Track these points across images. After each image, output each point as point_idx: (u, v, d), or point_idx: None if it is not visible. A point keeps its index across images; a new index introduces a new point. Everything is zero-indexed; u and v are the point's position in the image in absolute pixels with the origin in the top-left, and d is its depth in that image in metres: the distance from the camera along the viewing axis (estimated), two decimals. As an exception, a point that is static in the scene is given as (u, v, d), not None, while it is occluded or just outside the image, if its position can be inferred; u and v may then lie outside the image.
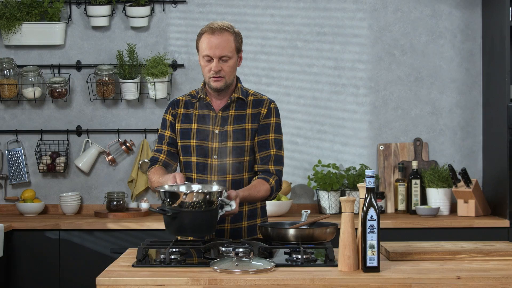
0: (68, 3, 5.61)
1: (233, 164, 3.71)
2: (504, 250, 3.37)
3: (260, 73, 5.62)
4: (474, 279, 2.94)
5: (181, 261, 3.24)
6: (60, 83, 5.49)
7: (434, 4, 5.61)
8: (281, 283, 2.91)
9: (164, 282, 2.93)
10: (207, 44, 3.61)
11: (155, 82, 5.41)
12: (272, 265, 3.07)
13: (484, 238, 4.71)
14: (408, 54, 5.63)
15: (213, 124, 3.72)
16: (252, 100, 3.77)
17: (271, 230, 3.41)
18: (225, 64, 3.63)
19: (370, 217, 3.01)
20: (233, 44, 3.64)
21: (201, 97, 3.75)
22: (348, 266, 3.04)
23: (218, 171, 3.71)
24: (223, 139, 3.70)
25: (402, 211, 5.47)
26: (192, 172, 3.74)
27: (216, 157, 3.70)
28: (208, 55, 3.62)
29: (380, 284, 2.91)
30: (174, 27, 5.62)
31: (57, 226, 5.02)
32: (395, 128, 5.63)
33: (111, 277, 2.96)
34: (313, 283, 2.91)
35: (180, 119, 3.77)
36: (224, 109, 3.73)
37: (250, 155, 3.74)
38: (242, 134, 3.71)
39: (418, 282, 2.92)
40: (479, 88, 5.62)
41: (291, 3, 5.61)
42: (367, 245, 3.00)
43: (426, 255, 3.32)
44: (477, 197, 5.25)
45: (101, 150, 5.58)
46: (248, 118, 3.73)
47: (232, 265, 3.04)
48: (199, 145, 3.72)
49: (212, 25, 3.64)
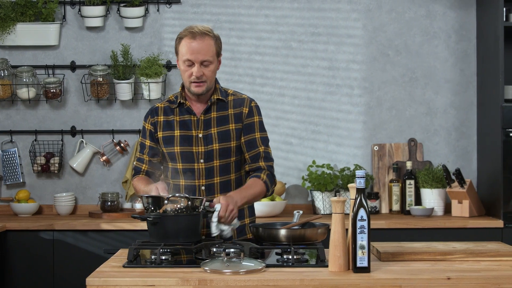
0: (63, 4, 5.61)
1: (220, 166, 3.72)
2: (495, 251, 3.36)
3: (255, 73, 5.62)
4: (464, 279, 2.94)
5: (172, 261, 3.24)
6: (54, 84, 5.49)
7: (428, 5, 5.62)
8: (271, 284, 2.91)
9: (154, 283, 2.92)
10: (188, 49, 3.59)
11: (149, 82, 5.41)
12: (262, 265, 3.06)
13: (478, 239, 4.71)
14: (402, 55, 5.63)
15: (195, 129, 3.71)
16: (233, 100, 3.76)
17: (263, 230, 3.41)
18: (206, 68, 3.62)
19: (360, 218, 3.01)
20: (214, 49, 3.63)
21: (181, 102, 3.73)
22: (339, 267, 3.04)
23: (205, 175, 3.71)
24: (208, 142, 3.70)
25: (397, 211, 5.47)
26: (180, 178, 3.74)
27: (202, 161, 3.70)
28: (189, 60, 3.60)
29: (370, 285, 2.91)
30: (169, 28, 5.62)
31: (51, 226, 5.02)
32: (390, 129, 5.63)
33: (101, 278, 2.96)
34: (303, 283, 2.91)
35: (161, 127, 3.76)
36: (206, 112, 3.71)
37: (236, 155, 3.74)
38: (227, 136, 3.71)
39: (408, 283, 2.92)
40: (473, 88, 5.62)
41: (285, 3, 5.61)
42: (357, 246, 3.00)
43: (417, 256, 3.32)
44: (471, 198, 5.25)
45: (95, 151, 5.58)
46: (231, 118, 3.73)
47: (223, 265, 3.04)
48: (183, 151, 3.71)
49: (192, 29, 3.61)
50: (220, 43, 3.69)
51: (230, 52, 5.60)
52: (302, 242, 3.36)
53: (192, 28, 3.62)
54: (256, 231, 3.43)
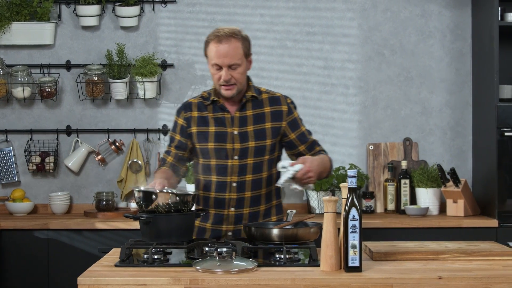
0: (58, 3, 5.60)
1: (253, 164, 3.74)
2: (488, 250, 3.37)
3: (250, 72, 5.57)
4: (455, 279, 2.94)
5: (164, 261, 3.24)
6: (49, 83, 5.49)
7: (423, 4, 5.61)
8: (262, 283, 2.91)
9: (146, 282, 2.93)
10: (215, 53, 3.60)
11: (144, 81, 5.41)
12: (254, 265, 3.07)
13: (473, 238, 4.72)
14: (397, 54, 5.63)
15: (230, 126, 3.73)
16: (267, 98, 3.79)
17: (255, 230, 3.41)
18: (235, 71, 3.63)
19: (352, 217, 3.01)
20: (241, 51, 3.63)
21: (214, 100, 3.75)
22: (330, 266, 3.04)
23: (238, 172, 3.73)
24: (244, 140, 3.72)
25: (392, 211, 5.47)
26: (211, 174, 3.75)
27: (237, 158, 3.72)
28: (217, 64, 3.61)
29: (362, 284, 2.91)
30: (164, 27, 5.62)
31: (46, 226, 5.01)
32: (385, 128, 5.64)
33: (93, 277, 2.96)
34: (295, 283, 2.91)
35: (195, 122, 3.77)
36: (241, 109, 3.74)
37: (270, 154, 3.76)
38: (263, 134, 3.73)
39: (399, 282, 2.92)
40: (468, 88, 5.62)
41: (280, 2, 5.61)
42: (349, 245, 3.00)
43: (409, 255, 3.32)
44: (466, 197, 5.25)
45: (90, 150, 5.58)
46: (268, 117, 3.75)
47: (214, 265, 3.04)
48: (218, 147, 3.72)
49: (218, 32, 3.61)
50: (248, 43, 3.69)
51: (225, 51, 5.60)
52: (295, 242, 3.36)
53: (218, 31, 3.62)
54: (249, 231, 3.43)
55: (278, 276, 2.94)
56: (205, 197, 3.79)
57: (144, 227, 3.39)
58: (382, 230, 5.01)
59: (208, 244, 3.33)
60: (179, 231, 3.40)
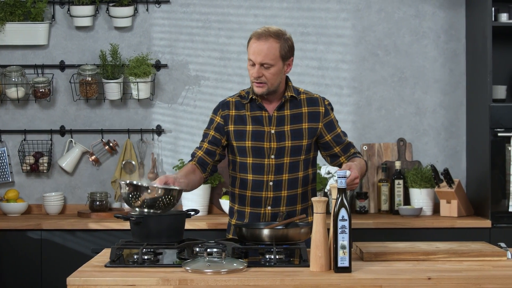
0: (52, 3, 5.60)
1: (290, 164, 3.78)
2: (478, 251, 3.37)
3: (244, 73, 5.62)
4: (444, 279, 2.94)
5: (155, 261, 3.24)
6: (43, 83, 5.48)
7: (417, 5, 5.61)
8: (251, 284, 2.91)
9: (135, 282, 2.93)
10: (252, 49, 3.67)
11: (138, 82, 5.41)
12: (244, 265, 3.07)
13: (466, 239, 4.71)
14: (391, 54, 5.63)
15: (267, 125, 3.77)
16: (306, 98, 3.83)
17: (246, 230, 3.41)
18: (267, 71, 3.67)
19: (341, 218, 3.01)
20: (277, 52, 3.67)
21: (253, 98, 3.79)
22: (320, 267, 3.05)
23: (275, 171, 3.77)
24: (281, 139, 3.76)
25: (385, 211, 5.47)
26: (248, 173, 3.80)
27: (273, 157, 3.76)
28: (251, 60, 3.68)
29: (350, 285, 2.91)
30: (158, 27, 5.62)
31: (39, 226, 5.01)
32: (379, 128, 5.63)
33: (82, 277, 2.97)
34: (284, 283, 2.91)
35: (232, 120, 3.81)
36: (279, 109, 3.78)
37: (306, 154, 3.81)
38: (300, 134, 3.77)
39: (388, 283, 2.92)
40: (462, 88, 5.62)
41: (274, 3, 5.61)
42: (339, 246, 3.01)
43: (400, 256, 3.33)
44: (460, 198, 5.25)
45: (84, 150, 5.57)
46: (305, 117, 3.79)
47: (204, 265, 3.04)
48: (255, 146, 3.76)
49: (260, 30, 3.68)
50: (287, 46, 3.71)
51: (219, 51, 5.61)
52: (285, 242, 3.36)
53: (261, 29, 3.69)
54: (239, 231, 3.43)
55: (267, 277, 2.94)
56: (241, 195, 3.84)
57: (135, 227, 3.39)
58: (375, 231, 5.01)
59: (198, 245, 3.33)
60: (169, 231, 3.40)
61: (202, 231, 4.94)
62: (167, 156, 5.62)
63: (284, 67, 3.73)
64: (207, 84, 5.61)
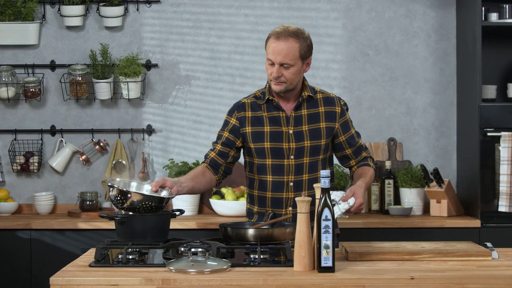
0: (42, 3, 5.59)
1: (309, 163, 3.78)
2: (463, 251, 3.37)
3: (234, 72, 5.62)
4: (427, 279, 2.94)
5: (139, 261, 3.24)
6: (33, 83, 5.48)
7: (408, 4, 5.61)
8: (234, 283, 2.91)
9: (118, 282, 2.93)
10: (271, 49, 3.65)
11: (128, 82, 5.40)
12: (228, 265, 3.07)
13: (455, 239, 4.70)
14: (382, 54, 5.63)
15: (285, 125, 3.76)
16: (322, 98, 3.83)
17: (231, 230, 3.41)
18: (286, 70, 3.66)
19: (324, 218, 3.01)
20: (297, 52, 3.65)
21: (269, 99, 3.78)
22: (303, 266, 3.05)
23: (295, 171, 3.78)
24: (300, 139, 3.76)
25: (376, 211, 5.47)
26: (267, 174, 3.80)
27: (293, 157, 3.76)
28: (270, 59, 3.66)
29: (333, 285, 2.91)
30: (148, 27, 5.62)
31: (29, 226, 5.01)
32: (369, 128, 5.63)
33: (65, 277, 2.97)
34: (266, 283, 2.91)
35: (249, 122, 3.80)
36: (296, 109, 3.77)
37: (324, 153, 3.81)
38: (318, 133, 3.77)
39: (371, 283, 2.92)
40: (453, 88, 5.62)
41: (265, 2, 5.61)
42: (322, 246, 3.01)
43: (385, 256, 3.33)
44: (450, 197, 5.25)
45: (75, 150, 5.57)
46: (322, 117, 3.79)
47: (187, 265, 3.04)
48: (274, 147, 3.76)
49: (279, 29, 3.66)
50: (307, 45, 3.70)
51: (210, 51, 5.61)
52: (270, 242, 3.36)
53: (280, 28, 3.67)
54: (225, 231, 3.42)
55: (250, 276, 2.94)
56: (261, 197, 3.84)
57: (120, 227, 3.40)
58: (365, 230, 5.01)
59: (183, 244, 3.33)
60: (154, 231, 3.40)
61: (191, 231, 4.94)
62: (157, 156, 5.62)
63: (303, 66, 3.73)
64: (198, 83, 5.61)
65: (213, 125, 5.58)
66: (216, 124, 5.56)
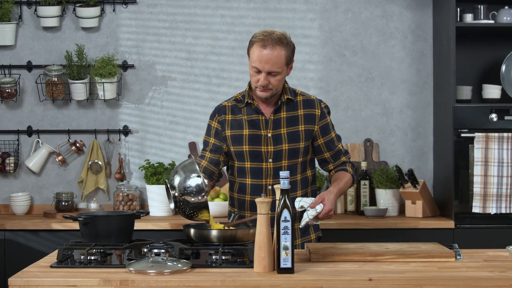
0: (19, 4, 5.59)
1: (288, 167, 3.77)
2: (427, 252, 3.37)
3: (211, 73, 5.62)
4: (386, 280, 2.94)
5: (101, 262, 3.24)
6: (9, 84, 5.48)
7: (384, 5, 5.62)
8: (192, 284, 2.90)
9: (76, 283, 2.92)
10: (257, 57, 3.59)
11: (104, 82, 5.40)
12: (188, 266, 3.06)
13: (429, 240, 4.73)
14: (358, 55, 5.63)
15: (264, 128, 3.75)
16: (302, 100, 3.81)
17: (194, 231, 3.41)
18: (273, 78, 3.64)
19: (284, 219, 3.01)
20: (284, 59, 3.62)
21: (249, 102, 3.76)
22: (263, 268, 3.04)
23: (273, 175, 3.77)
24: (278, 142, 3.75)
25: (351, 212, 5.47)
26: (247, 177, 3.80)
27: (271, 160, 3.76)
28: (256, 68, 3.61)
29: (292, 286, 2.90)
30: (125, 28, 5.61)
31: (2, 226, 5.00)
32: (346, 129, 5.63)
33: (24, 278, 2.97)
34: (224, 284, 2.91)
35: (229, 125, 3.79)
36: (276, 112, 3.76)
37: (303, 156, 3.80)
38: (296, 136, 3.76)
39: (329, 284, 2.92)
40: (430, 88, 5.63)
41: (241, 3, 5.61)
42: (281, 247, 3.00)
43: (347, 257, 3.32)
44: (425, 198, 5.25)
45: (51, 151, 5.57)
46: (301, 119, 3.77)
47: (147, 266, 3.03)
48: (252, 150, 3.75)
49: (264, 36, 3.58)
50: (291, 50, 3.66)
51: (186, 52, 5.61)
52: (233, 243, 3.36)
53: (266, 35, 3.58)
54: (188, 232, 3.43)
55: (209, 278, 2.94)
56: (240, 200, 3.84)
57: (83, 228, 3.40)
58: (339, 231, 5.00)
59: (146, 245, 3.33)
60: (118, 232, 3.41)
61: (164, 232, 4.94)
62: (134, 157, 5.62)
63: (287, 70, 3.71)
64: (174, 84, 5.61)
65: (189, 125, 5.58)
66: (192, 125, 5.56)
